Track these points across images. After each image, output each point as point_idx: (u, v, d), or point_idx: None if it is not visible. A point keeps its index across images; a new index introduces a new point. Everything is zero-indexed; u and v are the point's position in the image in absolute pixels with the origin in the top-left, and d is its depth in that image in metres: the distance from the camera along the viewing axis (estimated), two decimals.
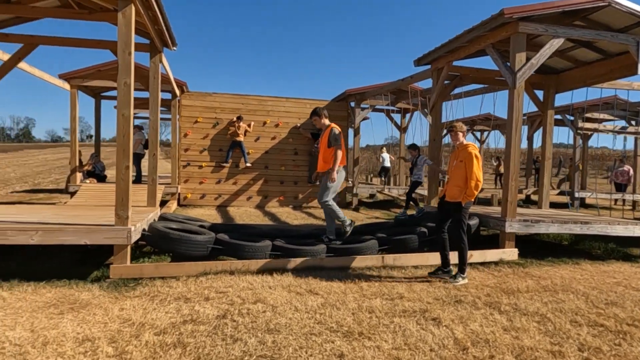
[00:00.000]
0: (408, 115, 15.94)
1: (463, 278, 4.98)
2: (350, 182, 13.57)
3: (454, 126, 5.09)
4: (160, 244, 5.37)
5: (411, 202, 8.43)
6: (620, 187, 14.89)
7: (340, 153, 5.93)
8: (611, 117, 14.35)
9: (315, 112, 6.27)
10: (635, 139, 15.00)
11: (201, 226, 6.40)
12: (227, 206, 12.14)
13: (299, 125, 12.58)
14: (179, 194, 11.94)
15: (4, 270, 4.89)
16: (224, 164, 12.10)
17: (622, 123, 14.11)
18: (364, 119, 13.90)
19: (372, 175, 23.83)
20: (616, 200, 15.03)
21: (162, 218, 6.51)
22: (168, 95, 12.13)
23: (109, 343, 3.13)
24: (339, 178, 5.97)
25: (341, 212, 6.02)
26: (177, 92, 11.43)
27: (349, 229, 6.00)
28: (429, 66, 8.81)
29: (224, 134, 12.18)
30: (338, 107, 13.10)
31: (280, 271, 5.13)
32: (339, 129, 6.18)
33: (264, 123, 12.56)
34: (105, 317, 3.62)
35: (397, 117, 16.17)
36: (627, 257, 6.81)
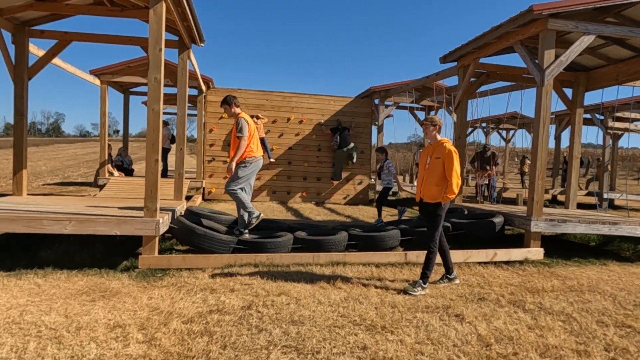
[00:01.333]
0: (432, 113, 15.81)
1: (423, 288, 4.40)
2: (372, 179, 13.56)
3: (430, 120, 4.69)
4: (184, 238, 5.49)
5: (399, 208, 8.42)
6: None
7: (244, 143, 5.71)
8: None
9: (225, 101, 6.05)
10: None
11: (226, 221, 6.50)
12: (251, 201, 12.26)
13: (322, 122, 12.63)
14: (204, 188, 12.13)
15: (39, 259, 5.09)
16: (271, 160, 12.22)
17: None
18: (388, 116, 13.85)
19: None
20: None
21: (189, 211, 6.65)
22: (194, 92, 12.34)
23: (138, 330, 3.24)
24: (252, 168, 5.84)
25: (249, 203, 5.88)
26: (204, 88, 11.61)
27: (254, 221, 5.81)
28: (454, 63, 8.74)
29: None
30: (362, 104, 13.09)
31: (304, 265, 5.19)
32: (248, 119, 5.96)
33: (288, 119, 12.64)
34: (134, 305, 3.74)
35: (421, 114, 16.06)
36: None
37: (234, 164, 5.73)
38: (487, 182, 12.42)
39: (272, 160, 12.29)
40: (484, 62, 8.35)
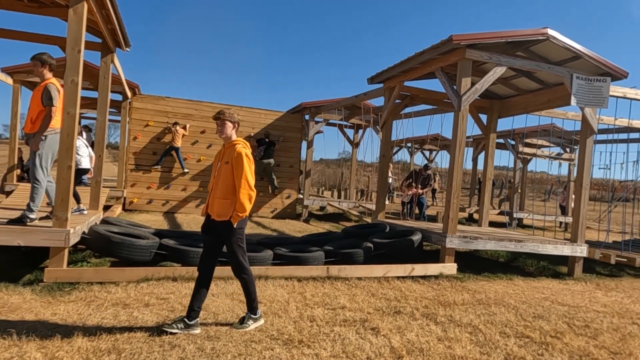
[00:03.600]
0: (360, 131, 16.28)
1: (255, 320, 3.68)
2: (301, 194, 13.65)
3: (222, 113, 3.67)
4: (101, 247, 5.21)
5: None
6: (563, 210, 15.75)
7: (54, 111, 4.90)
8: (548, 144, 15.28)
9: (39, 58, 5.10)
10: (569, 165, 16.01)
11: (147, 231, 6.25)
12: (175, 212, 11.89)
13: (252, 135, 12.57)
14: (125, 198, 11.58)
15: None
16: (156, 167, 11.82)
17: (558, 150, 15.06)
18: (318, 132, 14.08)
19: (323, 187, 24.05)
20: (561, 222, 15.75)
21: (105, 222, 6.32)
22: (119, 97, 11.82)
23: (37, 349, 3.01)
24: (51, 143, 4.95)
25: (41, 197, 4.98)
26: (129, 93, 11.15)
27: (27, 221, 4.78)
28: (381, 85, 9.10)
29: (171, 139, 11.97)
30: (293, 119, 13.21)
31: (225, 279, 5.10)
32: (59, 87, 5.10)
33: None
34: (35, 322, 3.48)
35: (350, 132, 16.48)
36: (556, 274, 7.24)
37: (40, 139, 4.83)
38: (410, 200, 12.93)
39: (185, 170, 11.98)
40: (409, 85, 8.77)
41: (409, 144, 20.55)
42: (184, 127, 12.03)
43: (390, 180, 17.44)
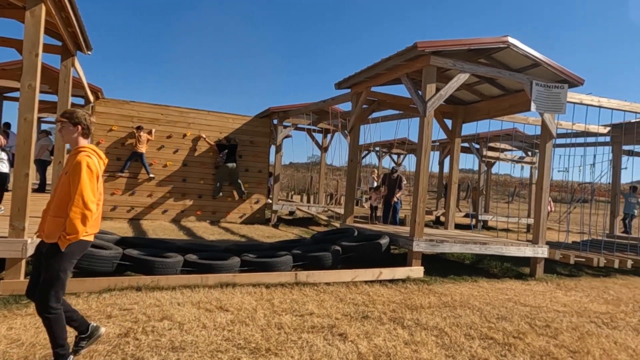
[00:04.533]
0: (329, 136, 16.35)
1: None
2: (270, 198, 13.59)
3: (64, 113, 3.08)
4: None
5: None
6: None
7: None
8: (511, 147, 15.72)
9: None
10: (531, 168, 16.50)
11: (109, 240, 6.09)
12: (141, 219, 11.63)
13: (220, 140, 12.42)
14: None
15: None
16: (120, 174, 11.55)
17: (520, 153, 15.51)
18: (287, 136, 14.05)
19: (292, 192, 24.00)
20: (528, 226, 15.97)
21: None
22: (81, 101, 11.49)
23: None
24: None
25: None
26: (91, 98, 10.85)
27: None
28: (349, 90, 9.16)
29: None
30: (261, 124, 13.15)
31: (192, 287, 5.02)
32: None
33: (184, 135, 12.27)
34: None
35: (318, 136, 16.52)
36: (519, 275, 7.44)
37: None
38: (378, 204, 13.06)
39: (151, 175, 11.75)
40: (376, 90, 8.87)
41: (377, 148, 20.77)
42: (150, 132, 11.80)
43: (374, 184, 17.49)
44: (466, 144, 15.03)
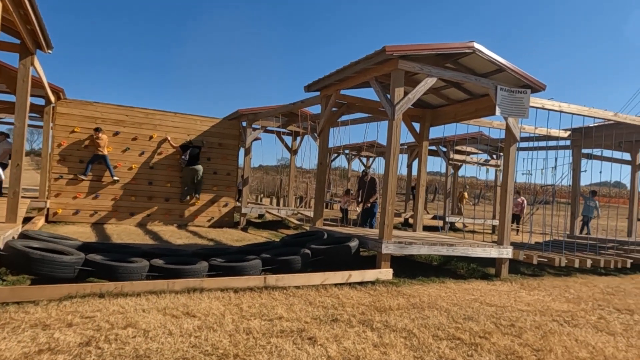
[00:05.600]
0: (299, 138, 16.33)
1: None
2: (238, 201, 13.45)
3: None
4: (19, 264, 4.83)
5: None
6: (514, 218, 16.10)
7: None
8: (476, 151, 16.09)
9: None
10: (496, 171, 16.93)
11: (70, 246, 5.88)
12: (105, 224, 11.31)
13: (169, 138, 12.14)
14: (48, 209, 10.86)
15: None
16: (82, 177, 11.22)
17: (486, 156, 15.89)
18: (256, 139, 13.96)
19: (262, 195, 23.84)
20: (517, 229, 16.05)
21: (23, 236, 5.87)
22: (42, 101, 11.10)
23: None
24: None
25: None
26: (52, 98, 10.50)
27: None
28: (318, 93, 9.17)
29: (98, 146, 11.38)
30: (230, 126, 13.02)
31: (157, 293, 4.89)
32: None
33: (151, 137, 12.01)
34: None
35: (288, 139, 16.47)
36: (485, 276, 7.60)
37: None
38: (348, 207, 13.12)
39: (115, 178, 11.44)
40: (345, 93, 8.90)
41: (347, 151, 20.88)
42: (116, 134, 11.48)
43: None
44: (434, 147, 15.29)
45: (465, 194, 19.81)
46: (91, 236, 9.17)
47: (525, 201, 16.56)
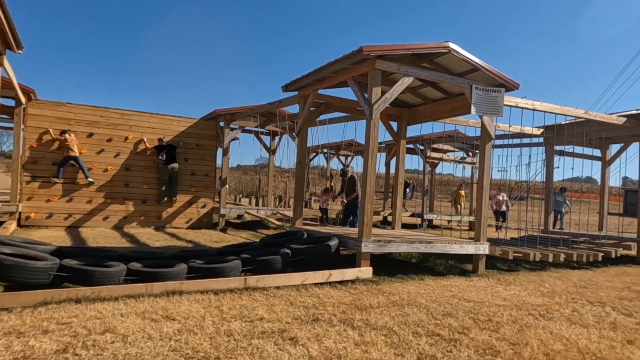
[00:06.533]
0: (277, 138, 16.29)
1: None
2: (217, 202, 13.34)
3: None
4: None
5: None
6: (499, 215, 16.27)
7: None
8: (453, 148, 16.32)
9: None
10: (472, 168, 17.20)
11: (44, 251, 5.74)
12: (80, 227, 11.08)
13: (145, 139, 11.98)
14: (20, 212, 10.58)
15: None
16: (56, 180, 10.98)
17: (462, 154, 16.13)
18: (234, 139, 13.87)
19: (241, 195, 23.69)
20: (499, 227, 15.95)
21: None
22: (12, 102, 10.80)
23: None
24: None
25: None
26: (23, 99, 10.23)
27: None
28: (296, 92, 9.16)
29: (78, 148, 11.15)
30: (207, 126, 12.90)
31: (136, 297, 4.83)
32: None
33: (126, 138, 11.82)
34: None
35: (266, 139, 16.42)
36: (463, 272, 7.72)
37: None
38: (327, 206, 13.17)
39: (89, 180, 11.20)
40: (323, 93, 8.92)
41: (325, 150, 20.93)
42: (90, 135, 11.26)
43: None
44: (411, 146, 15.45)
45: (462, 192, 19.61)
46: (66, 240, 8.98)
47: (505, 196, 16.73)
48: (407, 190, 19.67)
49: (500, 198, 16.29)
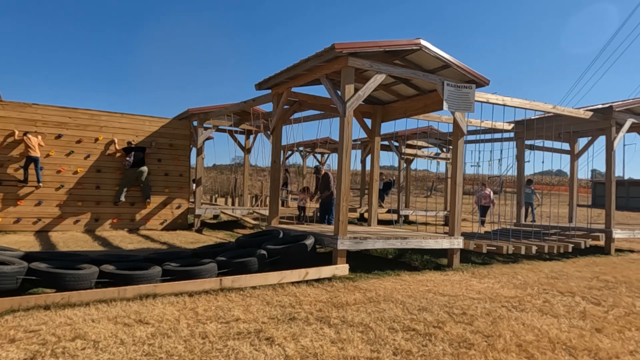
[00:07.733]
0: (252, 137, 16.18)
1: None
2: (192, 202, 13.17)
3: None
4: None
5: None
6: (485, 210, 16.27)
7: None
8: (427, 145, 16.51)
9: None
10: (446, 164, 17.43)
11: (12, 256, 5.56)
12: (50, 231, 10.79)
13: (115, 140, 11.73)
14: None
15: None
16: (23, 184, 10.65)
17: (436, 150, 16.33)
18: (208, 138, 13.71)
19: (216, 195, 23.45)
20: (483, 222, 16.14)
21: None
22: None
23: None
24: None
25: None
26: None
27: None
28: (269, 91, 9.11)
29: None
30: (180, 126, 12.72)
31: (108, 302, 4.72)
32: None
33: (96, 140, 11.55)
34: None
35: (241, 137, 16.29)
36: (438, 266, 7.82)
37: None
38: (304, 205, 13.15)
39: (40, 184, 10.82)
40: (297, 91, 8.89)
41: (301, 148, 20.89)
42: (59, 137, 10.95)
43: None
44: (386, 142, 15.55)
45: None
46: (35, 245, 8.73)
47: (492, 192, 16.78)
48: (392, 187, 19.71)
49: (487, 192, 16.31)
